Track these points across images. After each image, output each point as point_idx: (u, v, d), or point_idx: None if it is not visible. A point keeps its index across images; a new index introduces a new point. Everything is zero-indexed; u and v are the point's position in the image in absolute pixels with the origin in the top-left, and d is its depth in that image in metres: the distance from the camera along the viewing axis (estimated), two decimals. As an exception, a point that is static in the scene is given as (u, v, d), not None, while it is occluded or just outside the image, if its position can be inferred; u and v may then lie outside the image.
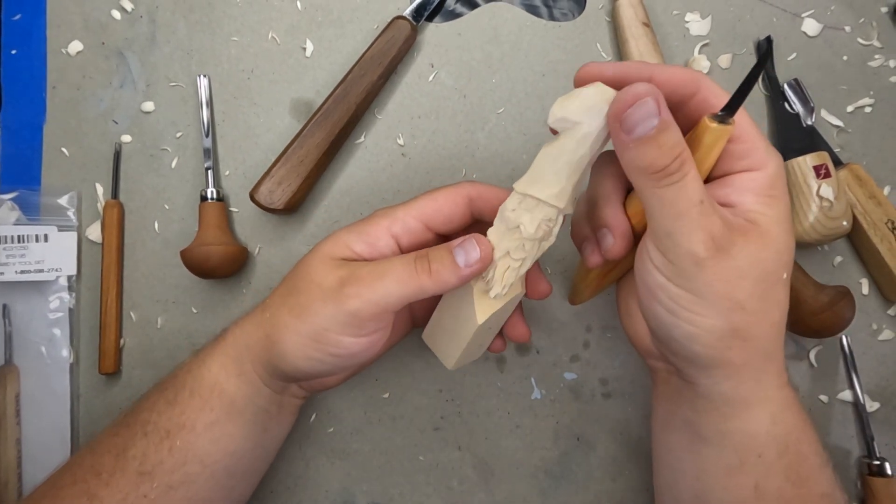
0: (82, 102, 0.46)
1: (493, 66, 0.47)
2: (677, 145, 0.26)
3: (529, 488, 0.43)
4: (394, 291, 0.30)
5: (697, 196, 0.26)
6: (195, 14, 0.47)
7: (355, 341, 0.31)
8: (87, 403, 0.44)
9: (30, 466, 0.43)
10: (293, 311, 0.31)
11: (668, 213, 0.26)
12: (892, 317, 0.45)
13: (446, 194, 0.33)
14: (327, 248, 0.33)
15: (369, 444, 0.44)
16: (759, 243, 0.27)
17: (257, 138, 0.46)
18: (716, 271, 0.27)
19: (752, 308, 0.28)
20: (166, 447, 0.32)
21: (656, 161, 0.26)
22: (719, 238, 0.26)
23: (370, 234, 0.33)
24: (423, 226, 0.33)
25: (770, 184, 0.28)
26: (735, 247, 0.27)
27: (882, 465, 0.42)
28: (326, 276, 0.31)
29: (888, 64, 0.47)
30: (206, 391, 0.33)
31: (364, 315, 0.30)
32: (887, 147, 0.46)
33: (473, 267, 0.31)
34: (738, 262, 0.27)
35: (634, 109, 0.25)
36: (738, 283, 0.27)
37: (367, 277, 0.30)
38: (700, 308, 0.28)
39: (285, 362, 0.32)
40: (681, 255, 0.27)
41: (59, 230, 0.44)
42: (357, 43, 0.46)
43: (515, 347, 0.44)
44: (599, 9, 0.47)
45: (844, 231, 0.42)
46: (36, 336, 0.44)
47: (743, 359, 0.28)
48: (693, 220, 0.26)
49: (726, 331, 0.28)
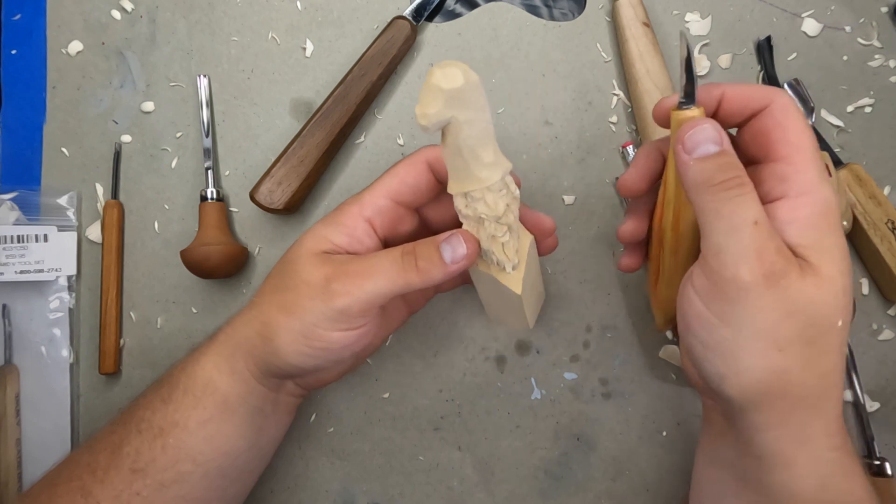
0: (82, 102, 0.46)
1: (493, 66, 0.47)
2: (738, 168, 0.26)
3: (529, 488, 0.43)
4: (381, 287, 0.31)
5: (753, 215, 0.25)
6: (195, 14, 0.47)
7: (344, 335, 0.32)
8: (87, 403, 0.44)
9: (30, 466, 0.43)
10: (283, 309, 0.32)
11: (722, 227, 0.26)
12: (892, 317, 0.45)
13: (406, 165, 0.33)
14: (309, 243, 0.33)
15: (369, 444, 0.44)
16: (816, 283, 0.25)
17: (257, 138, 0.46)
18: (760, 303, 0.25)
19: (794, 353, 0.25)
20: (159, 445, 0.32)
21: (716, 175, 0.26)
22: (770, 265, 0.25)
23: (346, 223, 0.33)
24: (392, 203, 0.33)
25: (820, 213, 0.26)
26: (787, 279, 0.25)
27: (882, 465, 0.42)
28: (313, 272, 0.31)
29: (888, 64, 0.47)
30: (199, 389, 0.33)
31: (352, 311, 0.31)
32: (887, 147, 0.46)
33: (460, 263, 0.31)
34: (788, 297, 0.25)
35: (695, 133, 0.27)
36: (783, 321, 0.25)
37: (354, 274, 0.31)
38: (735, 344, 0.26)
39: (278, 358, 0.32)
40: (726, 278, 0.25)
41: (58, 230, 0.44)
42: (357, 43, 0.46)
43: (515, 347, 0.44)
44: (599, 9, 0.47)
45: (844, 231, 0.42)
46: (36, 336, 0.44)
47: (782, 410, 0.26)
48: (745, 238, 0.25)
49: (761, 375, 0.26)
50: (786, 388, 0.26)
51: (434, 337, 0.44)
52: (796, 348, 0.25)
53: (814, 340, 0.26)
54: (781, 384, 0.26)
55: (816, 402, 0.26)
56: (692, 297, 0.27)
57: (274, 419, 0.37)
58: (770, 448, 0.27)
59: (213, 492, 0.34)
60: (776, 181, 0.27)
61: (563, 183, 0.46)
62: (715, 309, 0.26)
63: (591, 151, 0.46)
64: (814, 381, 0.26)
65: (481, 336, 0.45)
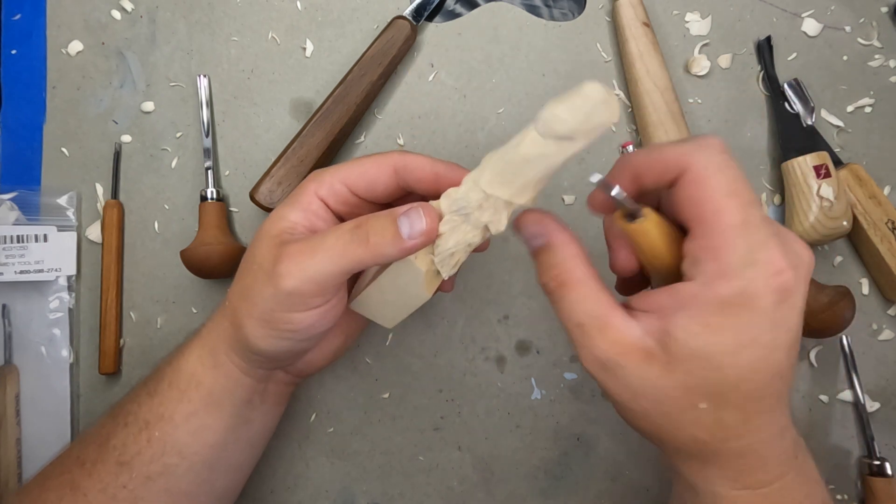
0: (82, 102, 0.46)
1: (493, 66, 0.47)
2: (554, 266, 0.27)
3: (529, 488, 0.43)
4: (327, 267, 0.28)
5: (575, 318, 0.27)
6: (195, 14, 0.47)
7: (304, 315, 0.30)
8: (87, 403, 0.44)
9: (30, 466, 0.43)
10: (242, 296, 0.31)
11: (566, 327, 0.27)
12: (892, 317, 0.45)
13: (373, 160, 0.32)
14: (267, 224, 0.32)
15: (369, 444, 0.44)
16: (661, 371, 0.25)
17: (257, 138, 0.46)
18: (611, 389, 0.27)
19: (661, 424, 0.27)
20: (144, 438, 0.32)
21: (540, 276, 0.28)
22: (604, 359, 0.26)
23: (301, 200, 0.32)
24: (347, 190, 0.32)
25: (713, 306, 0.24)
26: (622, 370, 0.26)
27: (882, 465, 0.42)
28: (266, 255, 0.30)
29: (888, 64, 0.47)
30: (183, 382, 0.33)
31: (302, 293, 0.29)
32: (887, 147, 0.46)
33: (417, 240, 0.28)
34: (629, 385, 0.26)
35: (524, 227, 0.29)
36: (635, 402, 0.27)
37: (297, 254, 0.29)
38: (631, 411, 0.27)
39: (250, 346, 0.31)
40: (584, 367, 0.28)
41: (58, 230, 0.44)
42: (357, 43, 0.46)
43: (515, 347, 0.44)
44: (599, 9, 0.47)
45: (844, 231, 0.42)
46: (36, 336, 0.44)
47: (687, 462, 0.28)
48: (575, 338, 0.27)
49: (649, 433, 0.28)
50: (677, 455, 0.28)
51: (434, 337, 0.44)
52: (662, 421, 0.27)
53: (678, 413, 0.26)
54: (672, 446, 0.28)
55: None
56: None
57: (262, 410, 0.36)
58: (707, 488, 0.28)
59: (200, 485, 0.34)
60: (689, 262, 0.25)
61: (563, 183, 0.46)
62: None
63: (591, 151, 0.46)
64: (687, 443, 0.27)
65: (481, 336, 0.45)
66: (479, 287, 0.45)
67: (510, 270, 0.45)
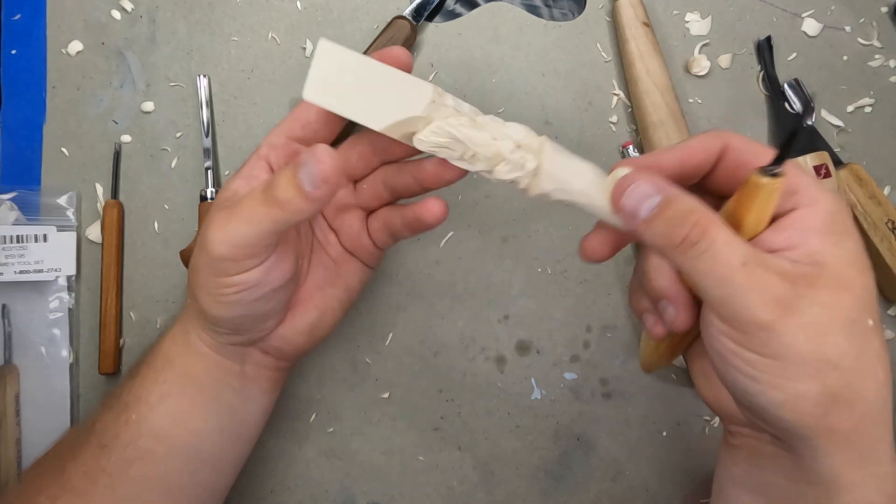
0: (82, 102, 0.46)
1: (493, 66, 0.47)
2: (691, 213, 0.24)
3: (529, 488, 0.43)
4: (246, 230, 0.28)
5: (737, 259, 0.24)
6: (195, 14, 0.47)
7: (247, 276, 0.29)
8: (87, 403, 0.44)
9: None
10: (193, 269, 0.31)
11: (712, 282, 0.24)
12: (893, 317, 0.45)
13: (302, 104, 0.32)
14: (218, 198, 0.32)
15: (369, 444, 0.44)
16: (833, 289, 0.24)
17: (257, 138, 0.46)
18: (791, 332, 0.23)
19: (849, 365, 0.24)
20: (123, 420, 0.32)
21: (673, 234, 0.24)
22: (781, 297, 0.23)
23: (245, 169, 0.32)
24: (286, 139, 0.32)
25: (832, 219, 0.25)
26: (805, 299, 0.24)
27: (882, 465, 0.42)
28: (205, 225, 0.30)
29: (888, 64, 0.47)
30: (158, 363, 0.33)
31: (232, 256, 0.28)
32: (887, 147, 0.46)
33: (321, 189, 0.26)
34: (815, 315, 0.24)
35: (628, 196, 0.25)
36: (823, 338, 0.24)
37: (221, 220, 0.28)
38: (786, 372, 0.24)
39: (208, 316, 0.31)
40: (745, 322, 0.24)
41: (58, 230, 0.44)
42: (357, 43, 0.46)
43: (515, 347, 0.44)
44: (599, 9, 0.47)
45: (844, 231, 0.42)
46: (36, 336, 0.44)
47: (851, 426, 0.24)
48: (742, 284, 0.24)
49: (824, 395, 0.24)
50: (851, 402, 0.24)
51: (434, 337, 0.44)
52: (850, 360, 0.24)
53: (863, 347, 0.24)
54: (845, 402, 0.24)
55: (878, 415, 0.25)
56: (720, 338, 0.25)
57: (245, 395, 0.35)
58: (834, 472, 0.25)
59: (181, 475, 0.33)
60: (784, 195, 0.26)
61: (563, 183, 0.46)
62: (751, 346, 0.24)
63: (591, 151, 0.46)
64: (875, 389, 0.25)
65: (481, 336, 0.45)
66: (479, 287, 0.45)
67: (510, 270, 0.45)
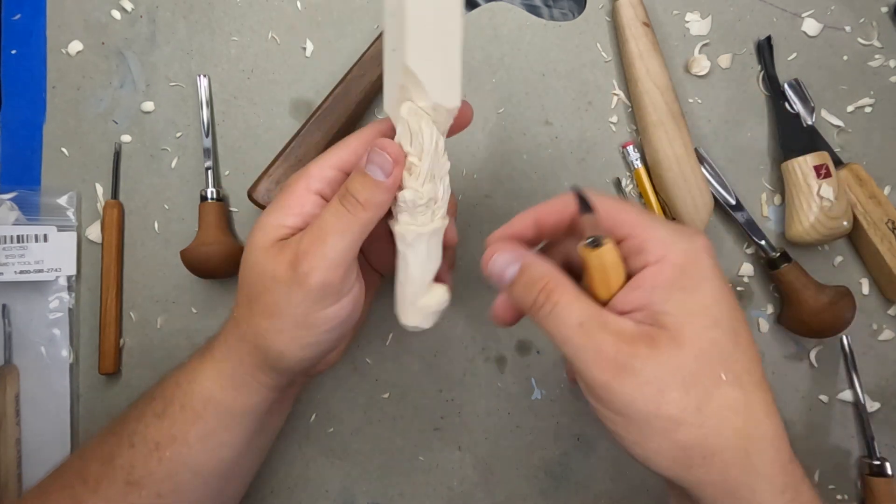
0: (82, 102, 0.46)
1: (493, 66, 0.47)
2: (540, 279, 0.27)
3: (529, 488, 0.43)
4: (340, 243, 0.29)
5: (575, 320, 0.26)
6: (195, 14, 0.47)
7: (338, 308, 0.31)
8: (87, 403, 0.44)
9: (29, 467, 0.43)
10: (266, 314, 0.31)
11: (558, 343, 0.26)
12: (892, 317, 0.45)
13: (359, 137, 0.32)
14: (260, 238, 0.31)
15: (369, 444, 0.44)
16: (672, 348, 0.25)
17: (257, 138, 0.46)
18: (628, 392, 0.25)
19: (694, 421, 0.25)
20: (155, 458, 0.32)
21: (526, 298, 0.27)
22: (615, 356, 0.25)
23: (293, 202, 0.31)
24: (341, 173, 0.32)
25: (679, 274, 0.26)
26: (639, 360, 0.25)
27: (882, 465, 0.42)
28: (276, 266, 0.30)
29: (888, 64, 0.47)
30: (198, 405, 0.32)
31: (331, 282, 0.29)
32: (887, 147, 0.46)
33: (394, 173, 0.29)
34: (650, 376, 0.24)
35: (492, 265, 0.29)
36: (662, 396, 0.24)
37: (310, 247, 0.29)
38: (639, 430, 0.25)
39: (285, 361, 0.31)
40: (587, 382, 0.26)
41: (58, 230, 0.44)
42: (357, 43, 0.46)
43: (515, 347, 0.44)
44: (599, 9, 0.47)
45: (845, 231, 0.42)
46: (36, 336, 0.44)
47: (719, 477, 0.25)
48: (578, 345, 0.25)
49: (677, 450, 0.25)
50: (706, 458, 0.25)
51: (434, 337, 0.44)
52: (691, 415, 0.24)
53: (705, 402, 0.25)
54: (701, 456, 0.25)
55: (747, 460, 0.25)
56: (587, 396, 0.27)
57: (276, 414, 0.36)
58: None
59: (211, 496, 0.34)
60: (634, 254, 0.27)
61: (564, 183, 0.46)
62: (600, 405, 0.26)
63: (591, 151, 0.46)
64: (733, 441, 0.25)
65: (481, 336, 0.45)
66: (479, 287, 0.45)
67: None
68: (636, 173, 0.45)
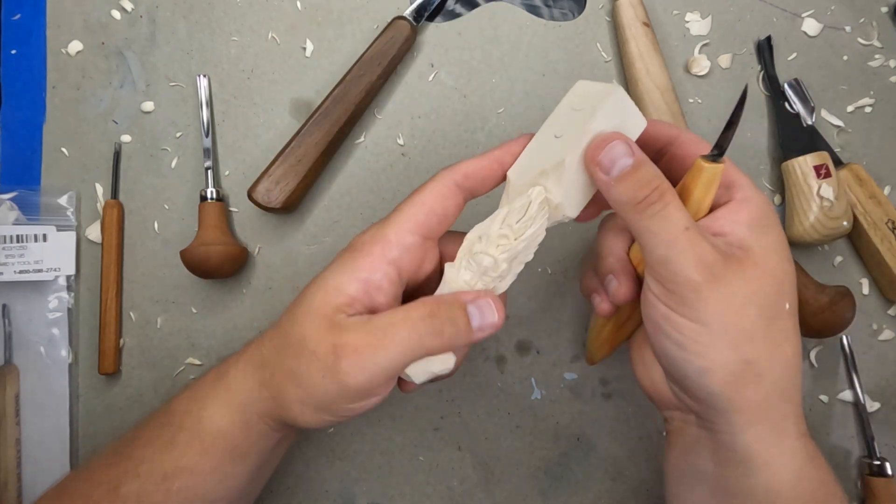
0: (82, 102, 0.46)
1: (493, 66, 0.47)
2: (655, 178, 0.27)
3: (529, 488, 0.43)
4: (398, 360, 0.28)
5: (683, 223, 0.27)
6: (195, 14, 0.47)
7: (366, 404, 0.29)
8: (86, 403, 0.44)
9: (29, 467, 0.43)
10: (292, 380, 0.29)
11: (659, 242, 0.27)
12: (892, 317, 0.45)
13: (433, 192, 0.30)
14: (318, 299, 0.29)
15: (369, 444, 0.44)
16: (756, 271, 0.27)
17: (257, 138, 0.46)
18: (716, 298, 0.26)
19: (761, 339, 0.27)
20: (164, 489, 0.31)
21: (637, 192, 0.27)
22: (713, 264, 0.26)
23: (363, 268, 0.29)
24: (420, 238, 0.30)
25: (761, 214, 0.28)
26: (731, 273, 0.27)
27: (882, 465, 0.42)
28: (320, 341, 0.28)
29: (888, 64, 0.47)
30: (207, 438, 0.32)
31: (368, 388, 0.28)
32: (887, 147, 0.46)
33: (486, 332, 0.29)
34: (737, 288, 0.27)
35: (607, 152, 0.27)
36: (742, 310, 0.27)
37: (364, 349, 0.27)
38: (708, 338, 0.27)
39: (298, 424, 0.31)
40: (679, 283, 0.27)
41: (58, 230, 0.44)
42: (357, 43, 0.46)
43: (515, 347, 0.44)
44: (599, 9, 0.47)
45: (845, 231, 0.42)
46: (35, 336, 0.44)
47: (760, 397, 0.27)
48: (683, 245, 0.27)
49: (738, 363, 0.27)
50: (760, 374, 0.27)
51: (434, 337, 0.44)
52: (761, 333, 0.27)
53: (773, 325, 0.27)
54: (755, 374, 0.27)
55: (787, 388, 0.28)
56: (655, 302, 0.28)
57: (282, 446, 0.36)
58: (751, 449, 0.28)
59: None
60: (721, 192, 0.29)
61: (563, 183, 0.46)
62: (680, 310, 0.27)
63: (591, 151, 0.46)
64: (782, 365, 0.27)
65: (481, 336, 0.45)
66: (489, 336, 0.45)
67: (510, 270, 0.45)
68: (636, 173, 0.45)
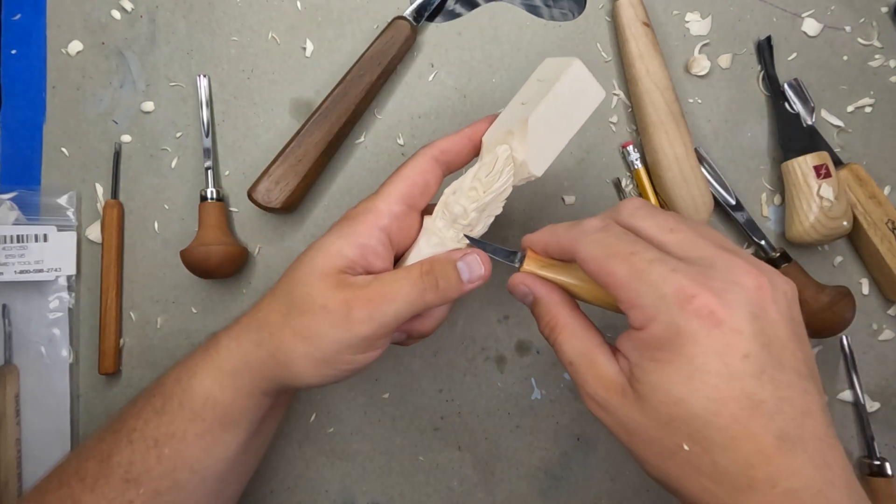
0: (82, 102, 0.46)
1: (493, 66, 0.47)
2: (545, 314, 0.31)
3: (529, 488, 0.43)
4: (402, 310, 0.31)
5: (567, 357, 0.29)
6: (195, 14, 0.47)
7: (365, 357, 0.32)
8: (86, 403, 0.44)
9: (30, 466, 0.43)
10: (299, 335, 0.31)
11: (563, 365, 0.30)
12: (892, 317, 0.45)
13: (414, 167, 0.33)
14: (321, 261, 0.32)
15: (369, 444, 0.44)
16: (637, 408, 0.26)
17: (257, 138, 0.46)
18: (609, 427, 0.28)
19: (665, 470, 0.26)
20: (154, 455, 0.32)
21: (539, 329, 0.32)
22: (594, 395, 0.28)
23: (359, 232, 0.32)
24: (406, 207, 0.33)
25: (655, 345, 0.25)
26: (611, 405, 0.27)
27: (882, 465, 0.42)
28: (330, 297, 0.31)
29: (888, 64, 0.47)
30: (197, 403, 0.32)
31: (377, 336, 0.31)
32: (887, 147, 0.46)
33: (475, 283, 0.32)
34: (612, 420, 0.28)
35: (515, 290, 0.32)
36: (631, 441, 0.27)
37: (375, 300, 0.30)
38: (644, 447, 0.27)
39: (295, 381, 0.32)
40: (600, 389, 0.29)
41: (58, 230, 0.44)
42: (357, 43, 0.46)
43: (515, 347, 0.44)
44: (599, 9, 0.47)
45: (845, 231, 0.42)
46: (36, 336, 0.44)
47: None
48: (572, 374, 0.29)
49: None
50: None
51: (434, 337, 0.44)
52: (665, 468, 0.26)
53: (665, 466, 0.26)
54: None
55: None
56: None
57: (272, 417, 0.37)
58: None
59: (209, 496, 0.34)
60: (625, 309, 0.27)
61: (563, 183, 0.46)
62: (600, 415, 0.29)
63: (591, 151, 0.46)
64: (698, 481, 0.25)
65: (481, 336, 0.45)
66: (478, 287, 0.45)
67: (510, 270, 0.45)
68: (636, 173, 0.45)
